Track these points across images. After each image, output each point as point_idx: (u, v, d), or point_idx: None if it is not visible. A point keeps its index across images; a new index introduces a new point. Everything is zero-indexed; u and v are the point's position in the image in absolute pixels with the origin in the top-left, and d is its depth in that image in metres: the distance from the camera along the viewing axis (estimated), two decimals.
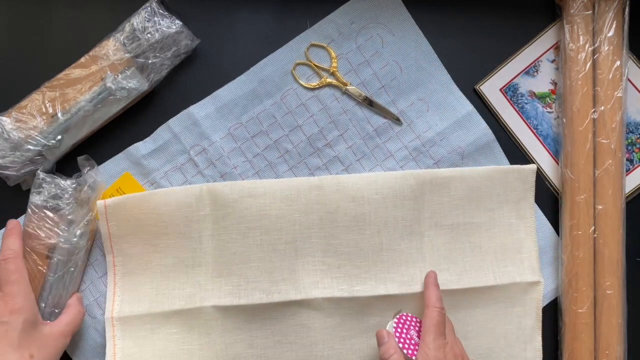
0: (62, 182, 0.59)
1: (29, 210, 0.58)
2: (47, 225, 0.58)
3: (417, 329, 0.57)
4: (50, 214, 0.58)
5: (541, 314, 0.63)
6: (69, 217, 0.58)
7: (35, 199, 0.58)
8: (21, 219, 0.61)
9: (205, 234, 0.61)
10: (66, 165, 0.62)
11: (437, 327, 0.54)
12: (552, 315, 0.65)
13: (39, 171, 0.58)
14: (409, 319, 0.58)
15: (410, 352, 0.54)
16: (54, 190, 0.58)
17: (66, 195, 0.58)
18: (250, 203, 0.61)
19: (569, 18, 0.62)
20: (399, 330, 0.56)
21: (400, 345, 0.54)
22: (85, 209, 0.60)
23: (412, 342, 0.55)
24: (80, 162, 0.60)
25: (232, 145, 0.63)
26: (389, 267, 0.61)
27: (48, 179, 0.58)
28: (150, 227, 0.61)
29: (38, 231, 0.58)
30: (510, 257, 0.64)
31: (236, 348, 0.61)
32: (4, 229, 0.59)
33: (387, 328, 0.56)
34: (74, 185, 0.59)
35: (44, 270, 0.58)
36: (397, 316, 0.57)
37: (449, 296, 0.61)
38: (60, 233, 0.58)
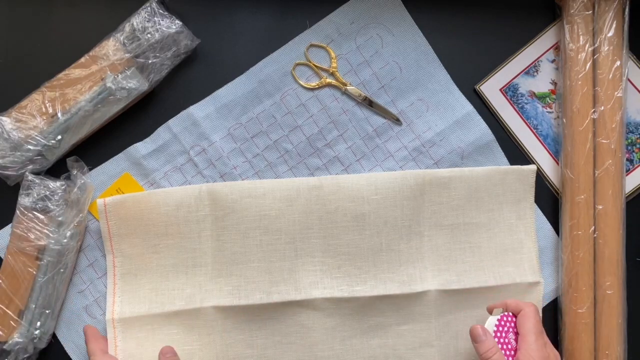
0: (52, 183, 0.59)
1: (17, 212, 0.58)
2: (36, 227, 0.58)
3: (514, 331, 0.55)
4: (40, 216, 0.58)
5: (541, 314, 0.63)
6: (59, 218, 0.58)
7: (24, 200, 0.58)
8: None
9: (204, 234, 0.61)
10: (66, 165, 0.62)
11: (538, 326, 0.53)
12: (552, 315, 0.65)
13: (27, 173, 0.58)
14: (509, 320, 0.55)
15: (507, 355, 0.52)
16: (43, 191, 0.58)
17: (55, 197, 0.58)
18: (250, 203, 0.61)
19: (569, 18, 0.62)
20: (499, 332, 0.54)
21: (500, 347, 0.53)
22: (75, 210, 0.59)
23: (509, 346, 0.53)
24: (70, 163, 0.60)
25: (231, 146, 0.63)
26: (388, 267, 0.61)
27: (37, 181, 0.58)
28: (150, 227, 0.61)
29: (27, 233, 0.58)
30: (510, 257, 0.63)
31: (236, 348, 0.61)
32: None
33: (486, 325, 0.54)
34: (63, 187, 0.59)
35: (34, 272, 0.58)
36: (499, 315, 0.55)
37: (449, 296, 0.61)
38: (50, 235, 0.58)
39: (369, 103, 0.64)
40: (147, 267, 0.62)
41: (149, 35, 0.60)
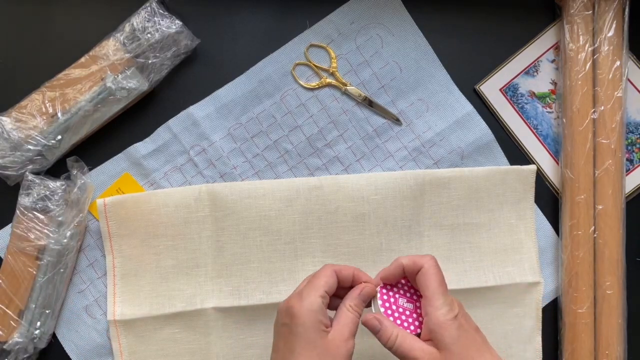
0: (52, 183, 0.59)
1: (17, 212, 0.58)
2: (36, 227, 0.58)
3: (404, 293, 0.50)
4: (40, 216, 0.58)
5: (541, 314, 0.63)
6: (59, 218, 0.58)
7: (24, 200, 0.58)
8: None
9: (204, 234, 0.61)
10: (66, 165, 0.62)
11: (442, 284, 0.47)
12: (552, 315, 0.65)
13: (27, 172, 0.58)
14: (392, 289, 0.50)
15: (412, 328, 0.48)
16: (43, 191, 0.58)
17: (55, 197, 0.58)
18: (250, 204, 0.61)
19: (569, 18, 0.62)
20: (389, 310, 0.48)
21: (398, 325, 0.47)
22: (75, 210, 0.59)
23: (407, 313, 0.48)
24: (70, 163, 0.60)
25: (231, 146, 0.63)
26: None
27: (37, 181, 0.58)
28: (150, 228, 0.61)
29: (27, 233, 0.58)
30: (510, 257, 0.63)
31: (237, 348, 0.61)
32: None
33: (373, 310, 0.49)
34: (63, 187, 0.59)
35: (34, 272, 0.58)
36: (378, 292, 0.49)
37: None
38: (50, 235, 0.58)
39: (369, 103, 0.64)
40: (147, 268, 0.62)
41: (149, 35, 0.60)
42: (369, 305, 0.50)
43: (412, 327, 0.48)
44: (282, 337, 0.46)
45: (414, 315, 0.49)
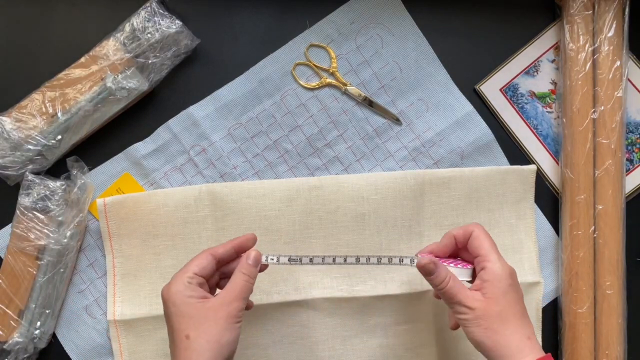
0: (52, 183, 0.59)
1: (17, 212, 0.58)
2: (36, 226, 0.58)
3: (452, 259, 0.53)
4: (40, 216, 0.58)
5: (541, 314, 0.63)
6: (59, 218, 0.58)
7: (24, 200, 0.58)
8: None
9: (204, 234, 0.61)
10: (66, 165, 0.62)
11: (494, 244, 0.51)
12: (552, 315, 0.65)
13: (27, 172, 0.58)
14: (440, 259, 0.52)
15: (462, 264, 0.51)
16: (43, 191, 0.58)
17: (56, 197, 0.58)
18: (250, 204, 0.61)
19: (569, 18, 0.62)
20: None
21: (451, 265, 0.51)
22: (75, 210, 0.59)
23: (458, 259, 0.52)
24: (70, 163, 0.60)
25: (231, 146, 0.63)
26: (388, 267, 0.61)
27: (37, 181, 0.58)
28: (150, 228, 0.61)
29: (27, 233, 0.58)
30: (510, 257, 0.63)
31: (237, 348, 0.61)
32: None
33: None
34: (63, 187, 0.59)
35: (34, 272, 0.58)
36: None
37: None
38: (50, 234, 0.58)
39: (369, 103, 0.64)
40: (146, 268, 0.62)
41: (149, 35, 0.60)
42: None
43: (461, 265, 0.52)
44: (167, 324, 0.49)
45: (466, 264, 0.52)
